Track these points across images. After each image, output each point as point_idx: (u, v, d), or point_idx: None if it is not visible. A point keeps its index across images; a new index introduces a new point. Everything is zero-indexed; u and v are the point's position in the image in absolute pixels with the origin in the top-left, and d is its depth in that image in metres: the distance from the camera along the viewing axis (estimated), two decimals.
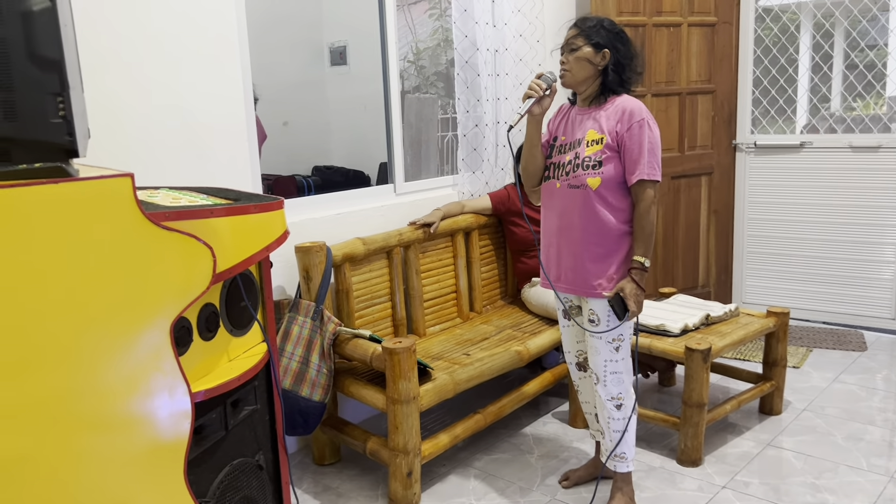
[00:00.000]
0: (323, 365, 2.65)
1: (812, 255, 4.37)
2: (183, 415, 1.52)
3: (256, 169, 2.79)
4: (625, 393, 2.42)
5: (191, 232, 1.49)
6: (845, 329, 4.26)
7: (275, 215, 1.74)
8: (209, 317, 1.66)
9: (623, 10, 3.99)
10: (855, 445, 2.90)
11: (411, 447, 2.49)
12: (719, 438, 3.01)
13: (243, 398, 1.80)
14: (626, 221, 2.32)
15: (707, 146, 4.39)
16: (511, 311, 3.52)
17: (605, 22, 2.32)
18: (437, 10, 6.56)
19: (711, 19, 4.24)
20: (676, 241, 4.37)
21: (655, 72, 4.14)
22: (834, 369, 3.69)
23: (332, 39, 5.36)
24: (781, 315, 3.11)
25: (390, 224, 3.27)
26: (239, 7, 2.67)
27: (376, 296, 3.06)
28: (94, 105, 2.29)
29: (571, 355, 2.61)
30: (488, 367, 2.79)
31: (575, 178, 2.32)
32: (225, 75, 2.63)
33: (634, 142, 2.25)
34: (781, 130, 4.46)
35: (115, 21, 2.31)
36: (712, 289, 4.53)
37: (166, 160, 2.49)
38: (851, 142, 4.15)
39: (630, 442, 2.47)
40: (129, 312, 1.40)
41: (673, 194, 4.30)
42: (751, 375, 3.25)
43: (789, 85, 4.39)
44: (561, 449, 2.96)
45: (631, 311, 2.29)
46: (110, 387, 1.38)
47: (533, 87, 2.31)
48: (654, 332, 2.99)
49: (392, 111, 3.36)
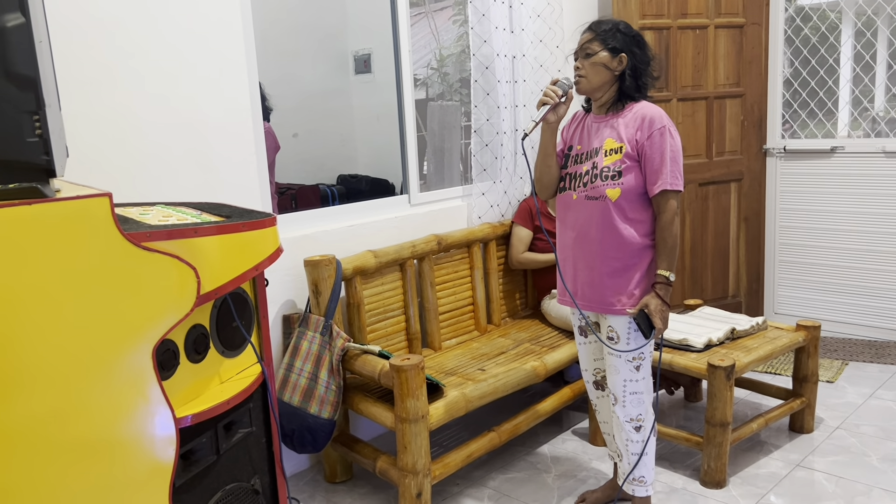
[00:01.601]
0: (332, 381, 2.59)
1: (846, 266, 4.19)
2: (167, 441, 1.47)
3: (265, 181, 2.75)
4: (644, 414, 2.32)
5: (174, 252, 1.45)
6: (884, 341, 4.07)
7: (266, 232, 1.69)
8: (197, 338, 1.61)
9: (646, 13, 3.88)
10: (891, 467, 2.75)
11: (420, 467, 2.42)
12: (746, 458, 2.87)
13: (237, 421, 1.75)
14: (647, 234, 2.23)
15: (736, 151, 4.24)
16: (530, 323, 3.43)
17: (621, 25, 2.22)
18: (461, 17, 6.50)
19: (739, 20, 4.10)
20: (705, 250, 4.23)
21: (681, 75, 4.02)
22: (871, 384, 3.52)
23: (357, 48, 5.34)
24: (812, 329, 2.97)
25: (404, 235, 3.21)
26: (246, 20, 2.63)
27: (389, 309, 3.00)
28: (102, 120, 2.27)
29: (589, 373, 2.51)
30: (502, 384, 2.70)
31: (593, 188, 2.23)
32: (231, 87, 2.59)
33: (656, 150, 2.15)
34: (813, 135, 4.29)
35: (118, 36, 2.29)
36: (743, 299, 4.38)
37: (172, 174, 2.47)
38: (885, 146, 3.97)
39: (649, 465, 2.36)
40: (108, 336, 1.35)
41: (701, 201, 4.17)
42: (780, 391, 3.11)
43: (821, 87, 4.22)
44: (579, 468, 2.86)
45: (657, 329, 2.19)
46: (90, 412, 1.33)
47: (548, 94, 2.22)
48: (677, 347, 2.87)
49: (406, 120, 3.31)
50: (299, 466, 2.96)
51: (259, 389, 1.81)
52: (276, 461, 1.87)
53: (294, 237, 2.82)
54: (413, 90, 3.31)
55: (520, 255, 3.38)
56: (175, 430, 1.47)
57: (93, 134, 2.26)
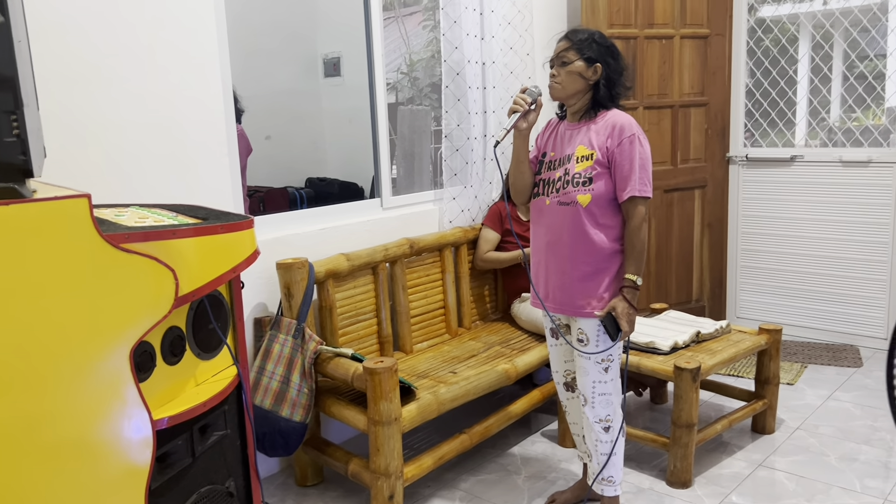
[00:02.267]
0: (304, 384, 2.59)
1: (805, 271, 4.31)
2: (144, 443, 1.47)
3: (238, 183, 2.75)
4: (613, 415, 2.36)
5: (152, 254, 1.44)
6: (840, 345, 4.20)
7: (243, 235, 1.69)
8: (174, 340, 1.60)
9: (614, 23, 3.96)
10: (849, 466, 2.84)
11: (393, 470, 2.43)
12: (710, 458, 2.94)
13: (212, 423, 1.74)
14: (617, 239, 2.28)
15: (700, 159, 4.34)
16: (500, 326, 3.47)
17: (597, 35, 2.27)
18: (430, 22, 6.53)
19: (704, 31, 4.20)
20: (670, 255, 4.31)
21: (648, 84, 4.10)
22: (829, 386, 3.63)
23: (327, 51, 5.33)
24: (773, 332, 3.06)
25: (377, 239, 3.22)
26: (220, 21, 2.62)
27: (361, 312, 3.01)
28: (72, 120, 2.25)
29: (559, 375, 2.56)
30: (474, 387, 2.73)
31: (565, 194, 2.27)
32: (205, 88, 2.58)
33: (625, 157, 2.21)
34: (774, 144, 4.41)
35: (94, 35, 2.27)
36: (706, 303, 4.48)
37: (144, 176, 2.44)
38: (842, 156, 4.10)
39: (618, 465, 2.41)
40: (87, 337, 1.34)
41: (666, 208, 4.25)
42: (743, 393, 3.19)
43: (781, 97, 4.35)
44: (549, 469, 2.90)
45: (623, 332, 2.24)
46: (66, 415, 1.32)
47: (518, 102, 2.26)
48: (644, 350, 2.93)
49: (378, 124, 3.32)
50: (270, 470, 2.95)
51: (234, 392, 1.81)
52: (251, 464, 1.87)
53: (266, 240, 2.82)
54: (385, 93, 3.33)
55: (484, 254, 3.41)
56: (151, 433, 1.47)
57: (65, 134, 2.23)
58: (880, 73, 4.08)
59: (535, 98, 2.28)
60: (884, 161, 3.98)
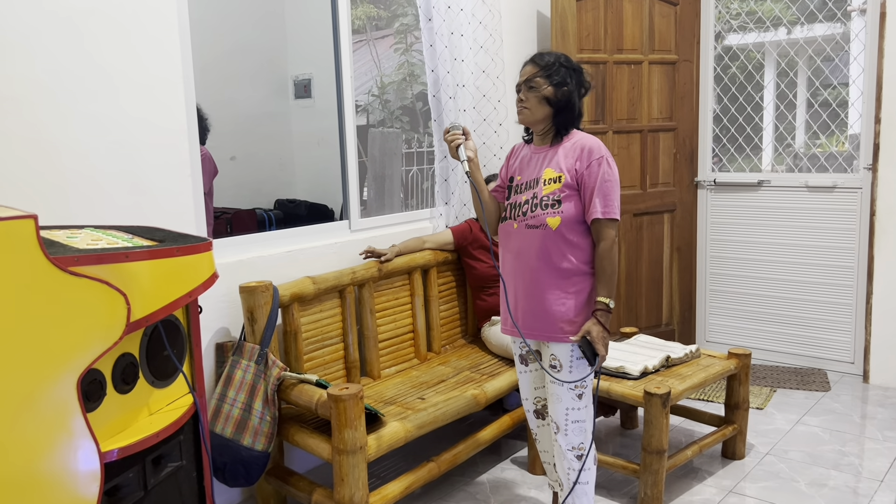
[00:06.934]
0: (266, 412, 2.51)
1: (773, 295, 4.34)
2: (91, 476, 1.39)
3: (200, 205, 2.68)
4: (586, 442, 2.32)
5: (103, 277, 1.38)
6: (808, 368, 4.22)
7: (201, 257, 1.63)
8: (126, 368, 1.53)
9: (584, 48, 3.98)
10: (818, 492, 2.83)
11: (358, 500, 2.36)
12: (681, 485, 2.91)
13: (167, 454, 1.67)
14: (587, 262, 2.25)
15: (669, 183, 4.37)
16: (470, 350, 3.42)
17: (563, 59, 2.27)
18: (402, 45, 6.54)
19: (672, 57, 4.25)
20: (640, 279, 4.32)
21: (617, 109, 4.13)
22: (797, 411, 3.63)
23: (297, 72, 5.30)
24: (743, 357, 3.05)
25: (344, 262, 3.17)
26: (184, 43, 2.57)
27: (327, 337, 2.94)
28: (27, 141, 2.17)
29: (529, 402, 2.51)
30: (442, 413, 2.67)
31: (533, 217, 2.25)
32: (167, 109, 2.52)
33: (594, 179, 2.19)
34: (742, 168, 4.46)
35: (55, 50, 2.20)
36: (676, 327, 4.48)
37: (103, 198, 2.37)
38: (808, 181, 4.16)
39: (590, 494, 2.36)
40: (30, 366, 1.27)
41: (635, 231, 4.26)
42: (713, 418, 3.18)
43: (748, 123, 4.40)
44: (518, 498, 2.84)
45: (601, 356, 2.20)
46: (8, 447, 1.25)
47: (453, 137, 2.32)
48: (614, 375, 2.90)
49: (347, 146, 3.28)
50: (231, 501, 2.85)
51: (190, 421, 1.74)
52: (208, 496, 1.79)
53: (229, 262, 2.75)
54: (354, 116, 3.29)
55: (425, 239, 3.35)
56: (99, 465, 1.39)
57: (15, 153, 2.16)
58: (843, 101, 4.16)
59: (460, 127, 2.34)
60: (848, 186, 4.03)
